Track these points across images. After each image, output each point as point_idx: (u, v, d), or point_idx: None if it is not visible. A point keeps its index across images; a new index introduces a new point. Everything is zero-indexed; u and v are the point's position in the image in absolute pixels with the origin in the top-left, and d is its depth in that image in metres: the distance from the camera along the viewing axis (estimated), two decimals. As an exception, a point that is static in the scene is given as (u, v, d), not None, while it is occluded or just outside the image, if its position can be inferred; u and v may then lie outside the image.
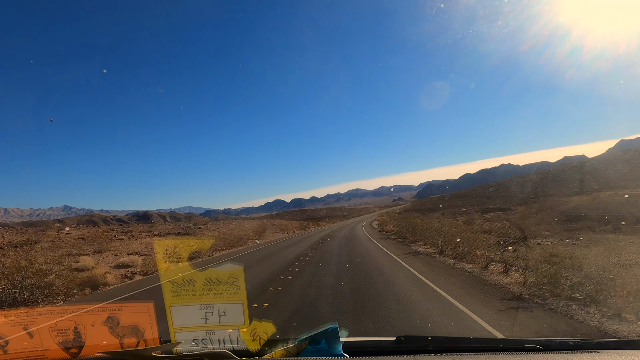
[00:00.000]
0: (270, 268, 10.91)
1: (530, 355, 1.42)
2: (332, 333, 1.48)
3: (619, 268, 5.72)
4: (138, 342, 1.59)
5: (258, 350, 1.53)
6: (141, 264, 13.24)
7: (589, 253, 7.17)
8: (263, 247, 21.34)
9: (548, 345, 1.57)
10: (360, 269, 9.85)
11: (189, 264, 13.52)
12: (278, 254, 15.51)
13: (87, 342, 1.55)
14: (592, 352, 1.44)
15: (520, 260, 8.68)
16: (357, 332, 4.43)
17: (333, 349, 1.47)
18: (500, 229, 18.62)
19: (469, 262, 9.72)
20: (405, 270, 9.25)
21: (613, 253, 6.73)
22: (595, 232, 19.03)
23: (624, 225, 19.65)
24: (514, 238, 15.53)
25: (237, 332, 1.59)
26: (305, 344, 1.49)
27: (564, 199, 37.50)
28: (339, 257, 12.59)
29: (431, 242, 14.13)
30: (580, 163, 71.82)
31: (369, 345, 1.74)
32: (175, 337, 1.61)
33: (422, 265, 9.97)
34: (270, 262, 12.61)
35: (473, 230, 16.20)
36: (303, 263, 11.55)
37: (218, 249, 19.97)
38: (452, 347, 1.63)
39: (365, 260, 11.64)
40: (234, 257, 16.32)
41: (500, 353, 1.45)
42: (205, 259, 16.68)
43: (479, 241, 11.63)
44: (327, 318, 5.14)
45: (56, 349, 1.53)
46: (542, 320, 4.75)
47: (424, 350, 1.56)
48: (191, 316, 1.63)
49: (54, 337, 1.54)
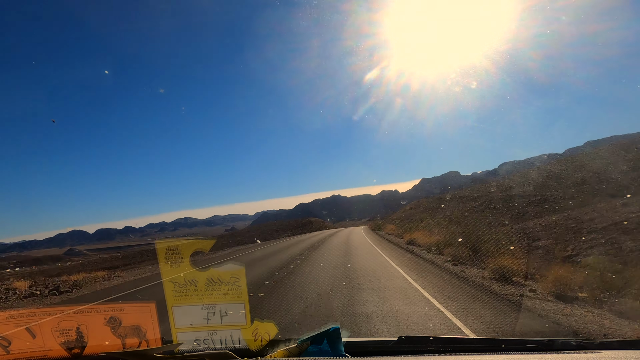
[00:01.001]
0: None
1: (532, 355, 1.42)
2: (334, 333, 1.48)
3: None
4: (140, 343, 1.60)
5: (260, 351, 1.53)
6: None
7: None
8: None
9: (550, 345, 1.57)
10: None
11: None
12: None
13: (89, 343, 1.55)
14: (595, 352, 1.44)
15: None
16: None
17: (335, 350, 1.47)
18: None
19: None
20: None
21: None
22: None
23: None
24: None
25: (239, 333, 1.60)
26: (307, 344, 1.49)
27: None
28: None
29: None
30: (392, 196, 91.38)
31: (371, 345, 1.74)
32: (177, 338, 1.61)
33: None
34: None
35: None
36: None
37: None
38: (454, 347, 1.63)
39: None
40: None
41: (502, 353, 1.45)
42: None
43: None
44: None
45: (58, 349, 1.53)
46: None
47: (425, 351, 1.56)
48: (193, 316, 1.64)
49: (57, 337, 1.55)
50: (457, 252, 11.26)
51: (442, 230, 17.81)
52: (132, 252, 60.23)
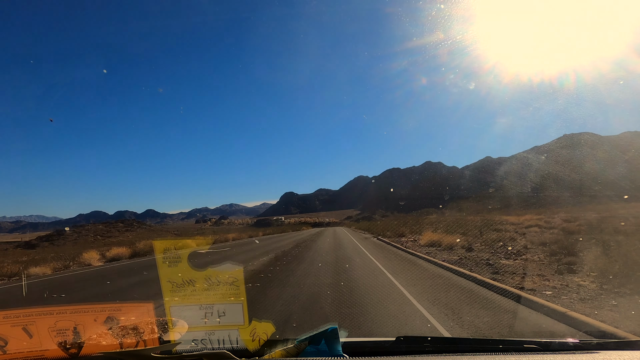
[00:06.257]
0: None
1: (529, 355, 1.42)
2: (332, 333, 1.48)
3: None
4: (137, 342, 1.59)
5: (257, 351, 1.53)
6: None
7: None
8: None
9: (547, 345, 1.57)
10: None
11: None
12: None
13: (87, 342, 1.55)
14: (592, 353, 1.45)
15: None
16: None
17: (332, 350, 1.47)
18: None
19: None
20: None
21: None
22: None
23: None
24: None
25: (236, 333, 1.59)
26: (304, 344, 1.49)
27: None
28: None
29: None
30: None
31: (368, 345, 1.74)
32: (174, 338, 1.61)
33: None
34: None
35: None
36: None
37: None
38: (452, 347, 1.63)
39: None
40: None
41: (499, 353, 1.45)
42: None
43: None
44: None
45: (55, 349, 1.52)
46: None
47: (423, 351, 1.56)
48: (191, 316, 1.64)
49: (54, 337, 1.54)
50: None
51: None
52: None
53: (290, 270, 10.68)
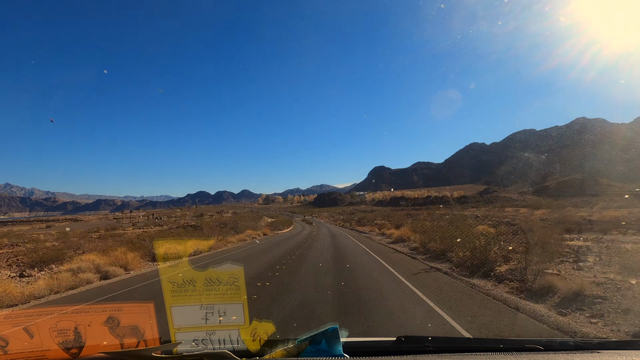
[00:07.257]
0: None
1: (530, 355, 1.42)
2: (332, 333, 1.48)
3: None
4: (138, 343, 1.59)
5: (258, 351, 1.53)
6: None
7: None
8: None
9: (548, 345, 1.57)
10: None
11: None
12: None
13: (88, 343, 1.55)
14: (593, 352, 1.44)
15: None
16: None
17: (333, 350, 1.47)
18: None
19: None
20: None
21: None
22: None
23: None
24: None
25: (237, 333, 1.59)
26: (305, 344, 1.49)
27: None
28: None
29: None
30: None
31: (369, 345, 1.74)
32: (175, 338, 1.61)
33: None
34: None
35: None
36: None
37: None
38: (452, 347, 1.63)
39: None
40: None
41: (500, 353, 1.45)
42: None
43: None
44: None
45: (56, 349, 1.52)
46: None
47: (424, 351, 1.56)
48: (191, 316, 1.63)
49: (54, 337, 1.54)
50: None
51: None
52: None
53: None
